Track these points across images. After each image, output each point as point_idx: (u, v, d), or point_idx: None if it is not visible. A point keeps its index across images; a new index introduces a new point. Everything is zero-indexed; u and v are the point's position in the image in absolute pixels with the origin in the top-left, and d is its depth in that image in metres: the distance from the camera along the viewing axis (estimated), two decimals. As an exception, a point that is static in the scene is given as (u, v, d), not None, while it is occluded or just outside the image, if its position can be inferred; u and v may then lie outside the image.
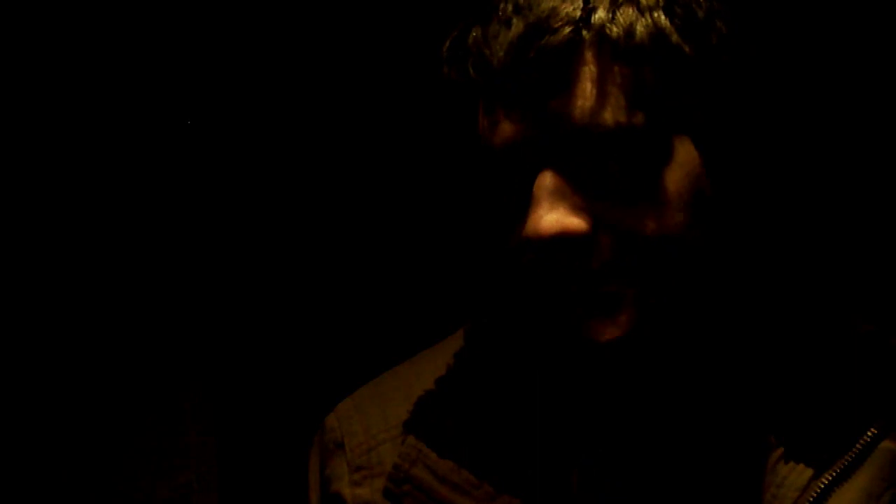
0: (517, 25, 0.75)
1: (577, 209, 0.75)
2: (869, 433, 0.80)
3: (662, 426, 0.83)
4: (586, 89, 0.75)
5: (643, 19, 0.75)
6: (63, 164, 1.31)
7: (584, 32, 0.75)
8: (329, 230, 1.34)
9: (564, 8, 0.75)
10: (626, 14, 0.75)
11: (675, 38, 0.76)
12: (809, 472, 0.80)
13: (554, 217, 0.75)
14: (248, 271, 1.35)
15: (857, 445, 0.80)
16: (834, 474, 0.79)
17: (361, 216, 1.34)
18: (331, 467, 0.92)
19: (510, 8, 0.77)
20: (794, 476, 0.80)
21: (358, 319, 1.33)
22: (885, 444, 0.80)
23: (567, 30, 0.74)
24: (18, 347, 1.31)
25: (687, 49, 0.76)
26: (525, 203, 0.77)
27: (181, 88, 1.32)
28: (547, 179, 0.76)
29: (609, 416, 0.84)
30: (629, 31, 0.75)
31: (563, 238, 0.75)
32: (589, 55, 0.75)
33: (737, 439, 0.83)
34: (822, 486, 0.79)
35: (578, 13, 0.75)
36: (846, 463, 0.79)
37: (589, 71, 0.75)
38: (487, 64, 0.76)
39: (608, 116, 0.75)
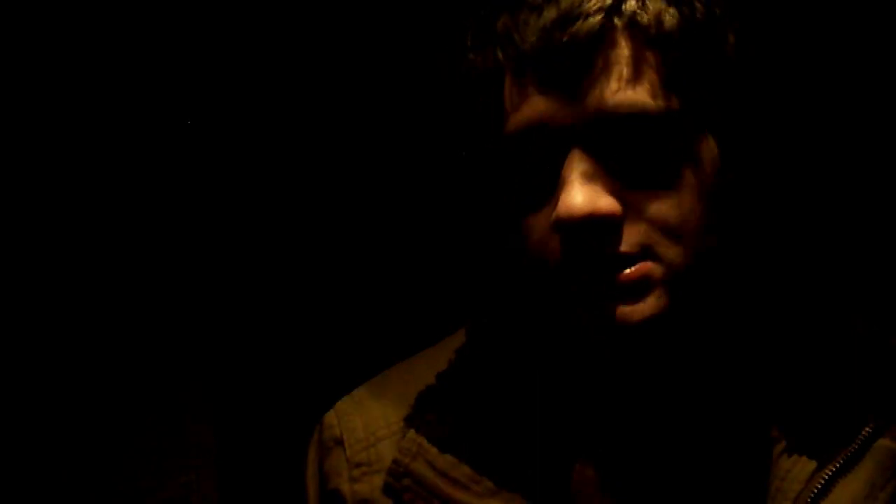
0: (549, 12, 0.76)
1: (607, 191, 0.76)
2: (865, 430, 0.81)
3: (667, 420, 0.83)
4: (618, 72, 0.76)
5: (671, 9, 0.77)
6: (63, 165, 1.31)
7: (616, 20, 0.76)
8: (329, 230, 1.34)
9: None
10: (655, 3, 0.77)
11: (698, 29, 0.77)
12: (812, 464, 0.80)
13: (587, 198, 0.75)
14: (248, 271, 1.35)
15: (857, 441, 0.81)
16: (836, 467, 0.80)
17: (361, 216, 1.33)
18: (329, 464, 0.92)
19: None
20: (798, 469, 0.80)
21: (358, 319, 1.33)
22: (883, 441, 0.81)
23: (599, 17, 0.75)
24: (19, 348, 1.31)
25: (709, 41, 0.78)
26: (551, 185, 0.77)
27: (181, 88, 1.32)
28: (579, 160, 0.76)
29: (611, 411, 0.85)
30: (659, 18, 0.76)
31: (594, 219, 0.75)
32: (621, 40, 0.76)
33: (741, 433, 0.83)
34: (826, 479, 0.79)
35: (609, 1, 0.76)
36: (847, 456, 0.80)
37: (622, 55, 0.76)
38: (517, 48, 0.77)
39: (640, 99, 0.76)
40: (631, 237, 0.76)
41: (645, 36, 0.76)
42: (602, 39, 0.75)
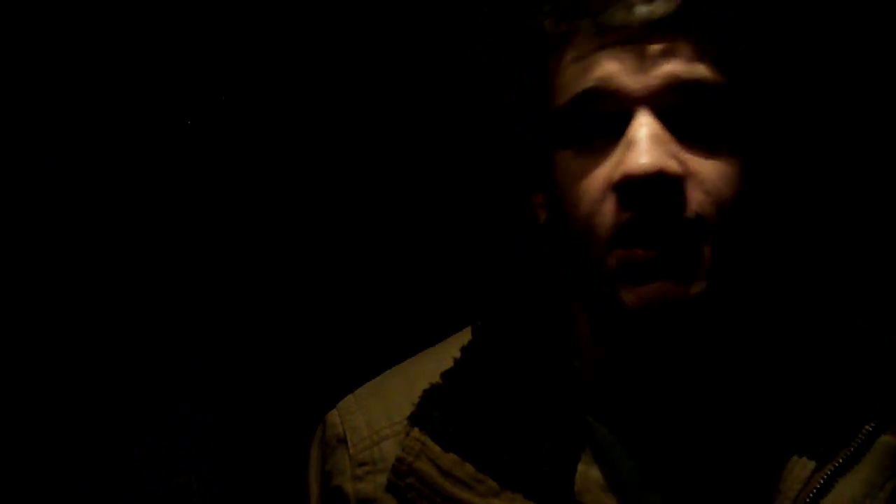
0: None
1: (672, 154, 0.78)
2: (867, 427, 0.82)
3: (670, 421, 0.84)
4: (689, 48, 0.78)
5: None
6: (64, 165, 1.31)
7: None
8: (329, 229, 1.34)
9: None
10: None
11: (756, 22, 0.80)
12: (812, 464, 0.81)
13: (656, 156, 0.77)
14: (248, 271, 1.35)
15: (857, 439, 0.81)
16: (835, 466, 0.80)
17: (362, 215, 1.33)
18: (332, 462, 0.92)
19: None
20: (798, 468, 0.81)
21: (360, 318, 1.33)
22: (885, 438, 0.82)
23: None
24: (19, 348, 1.31)
25: (765, 36, 0.81)
26: (611, 147, 0.79)
27: (181, 88, 1.32)
28: (647, 122, 0.78)
29: (614, 412, 0.85)
30: (723, 7, 0.79)
31: (661, 178, 0.77)
32: (694, 19, 0.79)
33: (744, 432, 0.83)
34: (825, 478, 0.80)
35: None
36: (847, 455, 0.81)
37: (692, 31, 0.79)
38: (594, 19, 0.79)
39: (710, 74, 0.78)
40: (691, 203, 0.78)
41: (711, 19, 0.79)
42: (678, 16, 0.78)
